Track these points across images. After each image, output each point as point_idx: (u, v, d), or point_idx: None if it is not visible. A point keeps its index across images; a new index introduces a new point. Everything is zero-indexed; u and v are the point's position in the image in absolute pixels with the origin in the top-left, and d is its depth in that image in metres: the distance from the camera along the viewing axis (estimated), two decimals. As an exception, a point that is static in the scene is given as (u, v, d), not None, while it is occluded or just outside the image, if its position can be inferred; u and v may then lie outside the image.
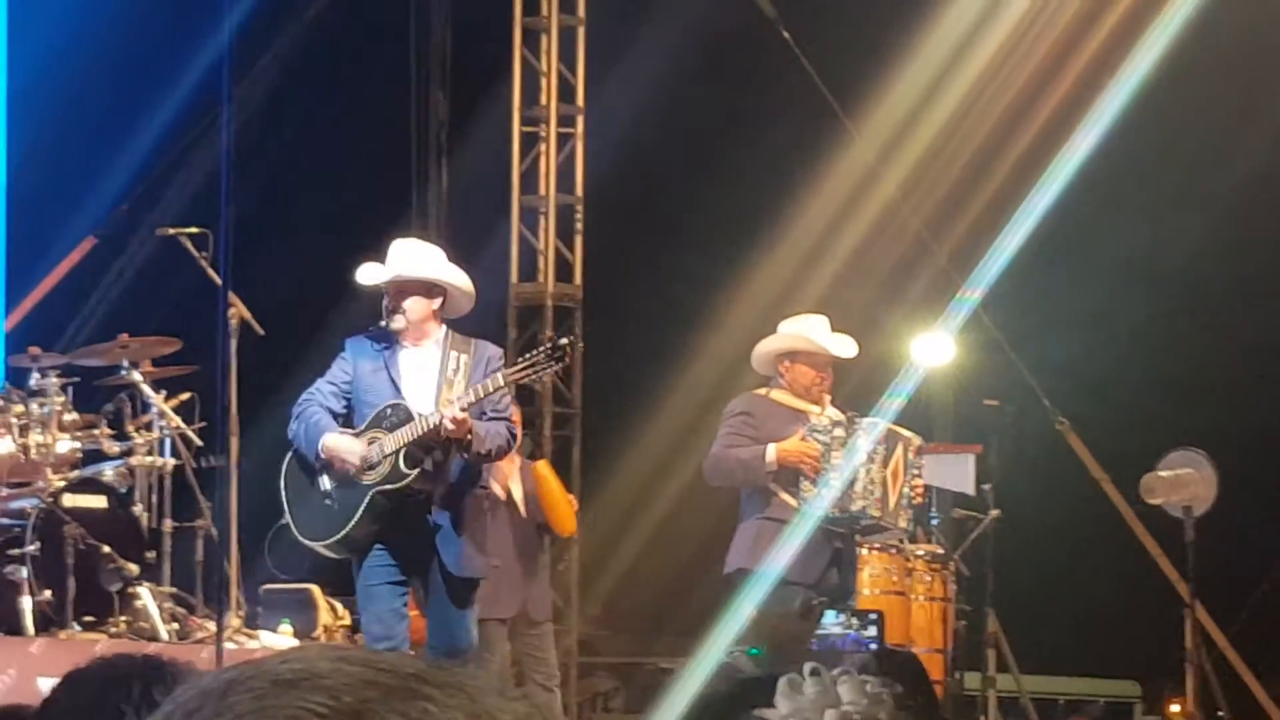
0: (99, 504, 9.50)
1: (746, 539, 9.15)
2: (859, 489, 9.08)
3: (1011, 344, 13.40)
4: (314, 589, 10.53)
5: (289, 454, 8.28)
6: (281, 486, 8.33)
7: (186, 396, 10.16)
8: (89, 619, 9.13)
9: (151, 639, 8.99)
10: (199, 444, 10.14)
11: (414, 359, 8.17)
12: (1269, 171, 13.00)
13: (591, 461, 13.46)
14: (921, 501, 9.87)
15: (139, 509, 9.67)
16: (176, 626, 9.48)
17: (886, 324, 12.69)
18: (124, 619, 9.21)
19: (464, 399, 7.93)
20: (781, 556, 8.89)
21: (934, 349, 12.09)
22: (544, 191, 13.72)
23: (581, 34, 13.76)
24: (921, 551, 11.49)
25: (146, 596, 9.30)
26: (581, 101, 13.77)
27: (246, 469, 9.90)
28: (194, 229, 10.25)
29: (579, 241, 13.77)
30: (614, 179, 13.51)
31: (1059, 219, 12.53)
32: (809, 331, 9.30)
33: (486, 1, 13.97)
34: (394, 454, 7.99)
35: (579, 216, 13.76)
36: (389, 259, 8.20)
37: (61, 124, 12.54)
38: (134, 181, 13.11)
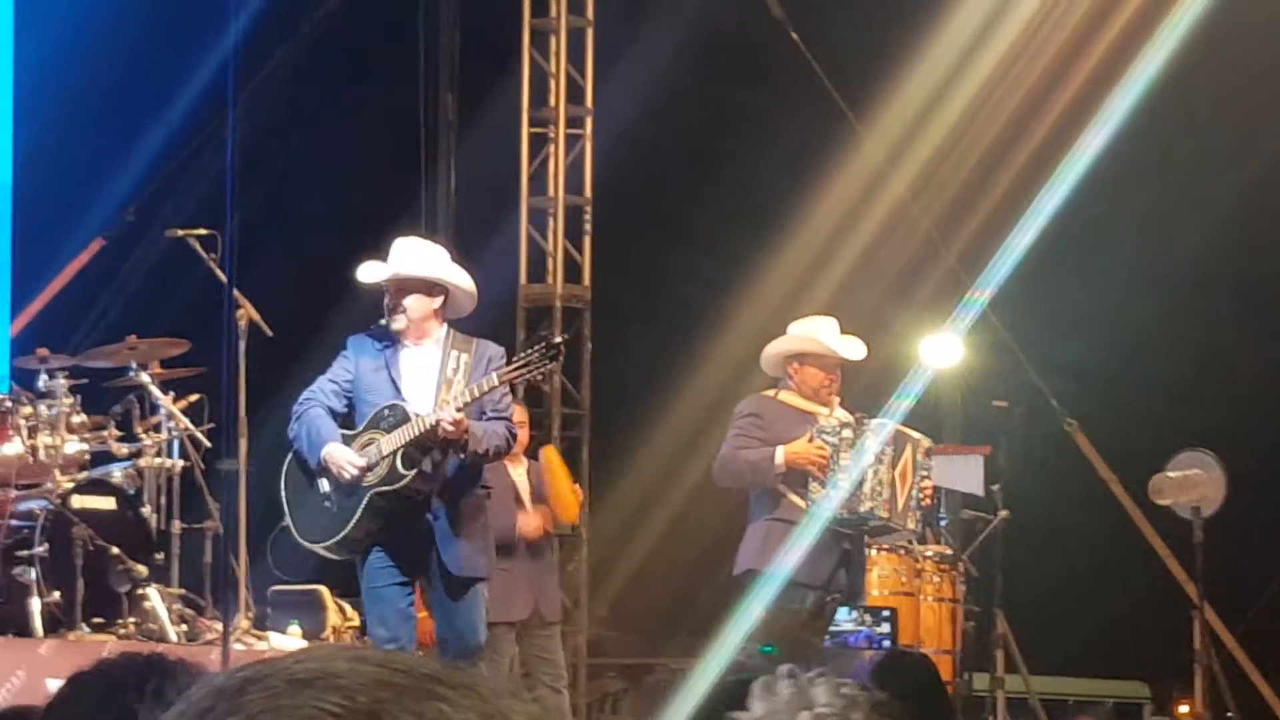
0: (108, 505, 9.49)
1: (755, 540, 9.14)
2: (867, 490, 9.07)
3: (1020, 345, 13.38)
4: (323, 590, 10.53)
5: (289, 455, 8.27)
6: (282, 488, 8.32)
7: (195, 398, 10.16)
8: (98, 620, 9.13)
9: (160, 640, 8.98)
10: (207, 445, 10.14)
11: (414, 358, 8.16)
12: (1277, 173, 12.98)
13: (600, 462, 13.43)
14: (930, 503, 9.84)
15: (148, 510, 9.66)
16: (185, 628, 9.48)
17: (895, 325, 12.68)
18: (133, 620, 9.22)
19: (460, 399, 7.92)
20: (790, 558, 8.88)
21: (942, 350, 12.08)
22: (553, 192, 13.71)
23: (590, 35, 13.75)
24: (930, 552, 11.50)
25: (155, 598, 9.30)
26: (590, 103, 13.76)
27: (252, 469, 9.89)
28: (202, 230, 10.21)
29: (587, 242, 13.76)
30: (622, 180, 13.50)
31: (1067, 220, 12.51)
32: (818, 333, 9.29)
33: (495, 3, 13.95)
34: (391, 455, 7.98)
35: (588, 217, 13.76)
36: (390, 257, 8.18)
37: (69, 125, 12.55)
38: (142, 183, 13.11)
